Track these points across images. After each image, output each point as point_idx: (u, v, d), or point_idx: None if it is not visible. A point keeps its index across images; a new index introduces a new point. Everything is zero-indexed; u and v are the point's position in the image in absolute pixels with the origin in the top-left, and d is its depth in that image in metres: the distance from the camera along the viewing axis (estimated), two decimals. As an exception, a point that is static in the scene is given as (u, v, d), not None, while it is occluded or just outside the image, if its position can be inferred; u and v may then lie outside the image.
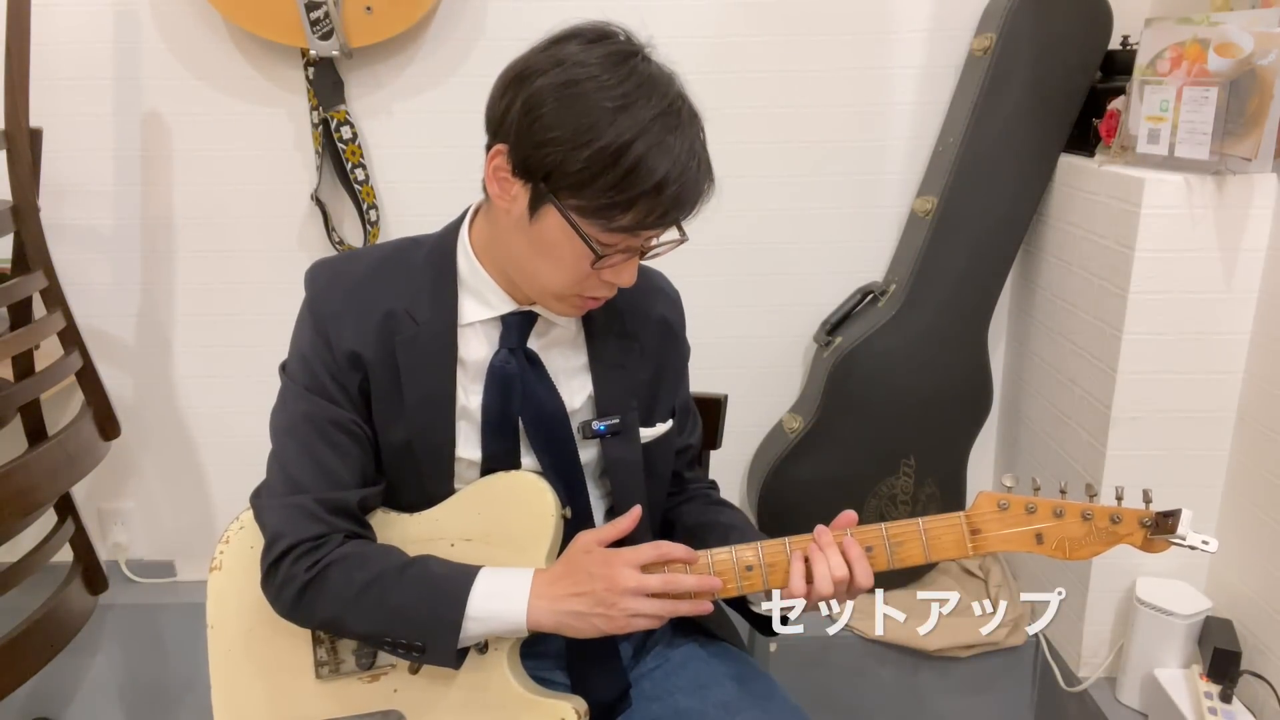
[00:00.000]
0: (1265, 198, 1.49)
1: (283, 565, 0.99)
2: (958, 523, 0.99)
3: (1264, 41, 1.39)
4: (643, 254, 0.98)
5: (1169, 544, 0.98)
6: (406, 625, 0.98)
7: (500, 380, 1.05)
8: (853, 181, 1.95)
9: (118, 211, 1.94)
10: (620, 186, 0.89)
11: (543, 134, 0.90)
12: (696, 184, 0.93)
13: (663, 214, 0.92)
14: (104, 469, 1.90)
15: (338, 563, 0.99)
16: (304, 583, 0.98)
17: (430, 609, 0.98)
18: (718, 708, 1.08)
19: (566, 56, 0.91)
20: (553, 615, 0.97)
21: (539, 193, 0.93)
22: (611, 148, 0.88)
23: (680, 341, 1.17)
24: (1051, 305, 1.83)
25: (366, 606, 0.98)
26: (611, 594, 0.95)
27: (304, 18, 1.70)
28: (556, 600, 0.97)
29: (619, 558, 0.97)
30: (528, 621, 0.98)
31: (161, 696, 2.11)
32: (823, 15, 1.85)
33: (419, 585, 0.99)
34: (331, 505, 1.00)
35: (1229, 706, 1.52)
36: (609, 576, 0.96)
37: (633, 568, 0.96)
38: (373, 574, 0.98)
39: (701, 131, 0.95)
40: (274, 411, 1.06)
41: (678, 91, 0.94)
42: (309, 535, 0.99)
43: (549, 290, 1.00)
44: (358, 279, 1.04)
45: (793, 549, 1.00)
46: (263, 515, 1.04)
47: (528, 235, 0.96)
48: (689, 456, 1.24)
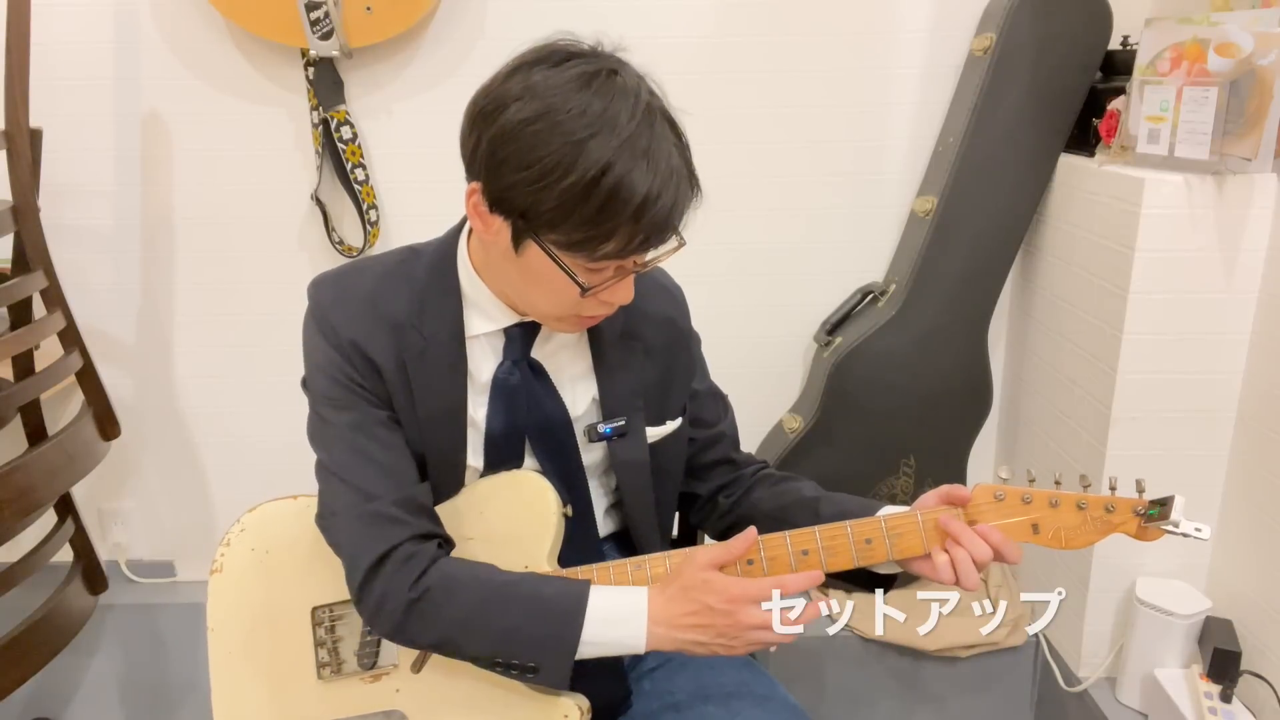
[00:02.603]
0: (1265, 198, 1.49)
1: (377, 581, 0.97)
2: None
3: (1264, 41, 1.39)
4: (639, 268, 0.97)
5: (1162, 532, 0.99)
6: (521, 648, 0.97)
7: (505, 392, 1.05)
8: (853, 181, 1.95)
9: (118, 211, 1.94)
10: (598, 219, 0.87)
11: (512, 175, 0.88)
12: (678, 201, 0.90)
13: (645, 239, 0.90)
14: (104, 469, 1.90)
15: (439, 585, 0.97)
16: (408, 602, 0.96)
17: (545, 631, 0.96)
18: (718, 707, 1.08)
19: (531, 85, 0.88)
20: (672, 642, 0.96)
21: (519, 229, 0.91)
22: (583, 182, 0.86)
23: (687, 336, 1.17)
24: (1051, 305, 1.83)
25: (478, 629, 0.96)
26: (735, 629, 0.94)
27: (304, 18, 1.70)
28: (676, 629, 0.96)
29: (742, 593, 0.95)
30: (646, 647, 0.97)
31: (161, 696, 2.11)
32: (823, 15, 1.85)
33: (531, 606, 0.97)
34: (408, 505, 0.99)
35: (1229, 706, 1.52)
36: (733, 614, 0.94)
37: (755, 605, 0.94)
38: (480, 596, 0.97)
39: (680, 137, 0.92)
40: (314, 430, 1.04)
41: (648, 102, 0.90)
42: (399, 540, 0.97)
43: (547, 314, 1.00)
44: (363, 292, 1.04)
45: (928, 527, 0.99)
46: (338, 536, 1.01)
47: (516, 266, 0.95)
48: (731, 439, 1.22)
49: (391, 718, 1.06)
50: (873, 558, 1.00)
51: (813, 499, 1.12)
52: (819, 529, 1.00)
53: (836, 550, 1.00)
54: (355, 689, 1.07)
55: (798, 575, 0.97)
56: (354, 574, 0.98)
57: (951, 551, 0.98)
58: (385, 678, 1.07)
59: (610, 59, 0.92)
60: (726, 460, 1.21)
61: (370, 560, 0.96)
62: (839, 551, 1.00)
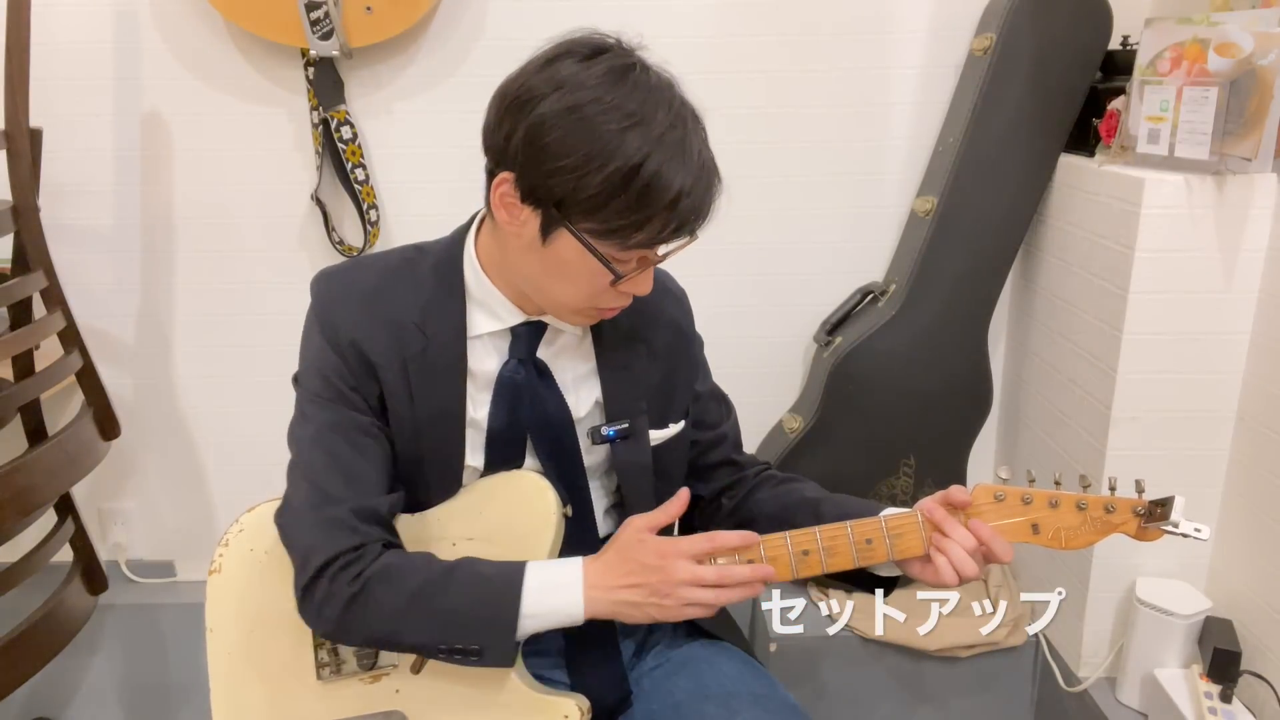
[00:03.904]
0: (1265, 198, 1.49)
1: (321, 583, 0.97)
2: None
3: (1264, 41, 1.39)
4: (658, 259, 0.99)
5: (1162, 532, 0.99)
6: (462, 630, 0.97)
7: (509, 390, 1.05)
8: (853, 181, 1.95)
9: (118, 211, 1.94)
10: (636, 207, 0.89)
11: (552, 162, 0.89)
12: (709, 192, 0.93)
13: (678, 227, 0.93)
14: (104, 469, 1.90)
15: (380, 575, 0.97)
16: (348, 598, 0.96)
17: (485, 611, 0.97)
18: (719, 707, 1.08)
19: (565, 78, 0.90)
20: (609, 605, 0.97)
21: (551, 218, 0.92)
22: (624, 170, 0.88)
23: (690, 339, 1.17)
24: (1051, 305, 1.83)
25: (418, 616, 0.97)
26: (667, 585, 0.95)
27: (304, 18, 1.70)
28: (611, 590, 0.97)
29: (674, 549, 0.96)
30: (585, 612, 0.97)
31: (161, 697, 2.11)
32: (823, 15, 1.85)
33: (470, 588, 0.98)
34: (365, 514, 0.99)
35: (1229, 706, 1.52)
36: (664, 569, 0.95)
37: (688, 559, 0.96)
38: (419, 582, 0.97)
39: (705, 133, 0.95)
40: (293, 425, 1.05)
41: (680, 98, 0.93)
42: (346, 547, 0.97)
43: (565, 306, 1.00)
44: (366, 290, 1.04)
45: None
46: (291, 533, 1.01)
47: (540, 257, 0.96)
48: (734, 441, 1.23)
49: (391, 718, 1.06)
50: (873, 558, 1.00)
51: (814, 500, 1.12)
52: (820, 529, 1.00)
53: (836, 550, 1.00)
54: (355, 689, 1.07)
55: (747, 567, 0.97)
56: (301, 574, 0.99)
57: (942, 546, 0.98)
58: (385, 678, 1.07)
59: (633, 55, 0.94)
60: (729, 461, 1.21)
61: (318, 563, 0.97)
62: (839, 552, 1.00)
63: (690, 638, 1.19)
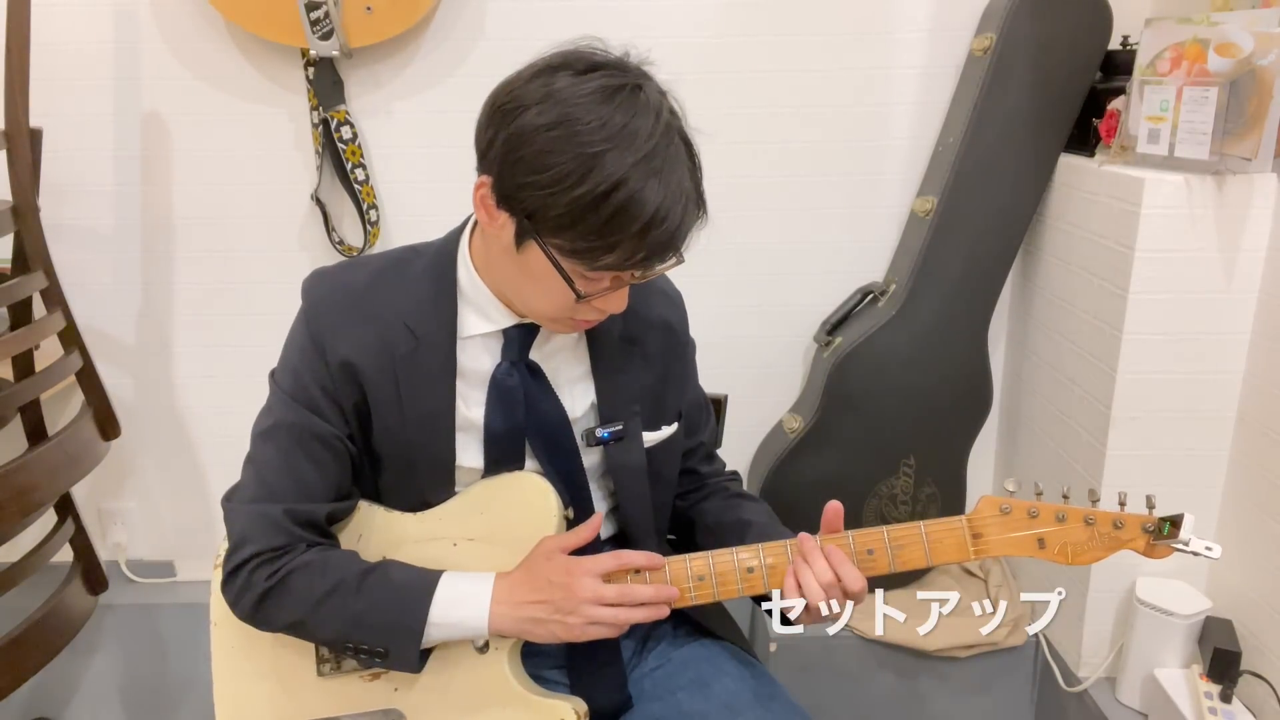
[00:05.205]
0: (1265, 198, 1.49)
1: (243, 572, 1.00)
2: (959, 526, 0.99)
3: (1264, 41, 1.39)
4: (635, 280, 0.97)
5: (1171, 550, 0.97)
6: (369, 631, 1.00)
7: (503, 393, 1.05)
8: (853, 181, 1.95)
9: (118, 211, 1.94)
10: (604, 231, 0.88)
11: (525, 175, 0.88)
12: (683, 225, 0.91)
13: (646, 256, 0.91)
14: (104, 469, 1.90)
15: (299, 569, 1.00)
16: (263, 592, 0.99)
17: (393, 616, 0.99)
18: (720, 707, 1.08)
19: (553, 91, 0.88)
20: (513, 622, 0.99)
21: (523, 228, 0.92)
22: (594, 194, 0.86)
23: (684, 342, 1.17)
24: (1051, 305, 1.83)
25: (328, 612, 0.99)
26: (569, 602, 0.97)
27: (304, 18, 1.70)
28: (517, 606, 0.99)
29: (579, 566, 0.98)
30: (489, 628, 0.99)
31: (161, 696, 2.11)
32: (822, 15, 1.85)
33: (381, 592, 1.00)
34: (299, 517, 1.01)
35: (1229, 706, 1.52)
36: (567, 585, 0.97)
37: (592, 577, 0.98)
38: (334, 581, 1.00)
39: (693, 159, 0.93)
40: (259, 417, 1.06)
41: (668, 122, 0.90)
42: (273, 545, 1.00)
43: (540, 314, 1.01)
44: (356, 291, 1.04)
45: (794, 553, 1.00)
46: (230, 518, 1.04)
47: (515, 262, 0.96)
48: (704, 452, 1.24)
49: (390, 716, 1.06)
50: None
51: (746, 522, 1.14)
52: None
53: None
54: (355, 686, 1.08)
55: (649, 586, 0.99)
56: (230, 559, 1.02)
57: (797, 571, 0.99)
58: (384, 676, 1.07)
59: (636, 72, 0.92)
60: (691, 471, 1.22)
61: (244, 555, 1.00)
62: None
63: (691, 637, 1.19)
